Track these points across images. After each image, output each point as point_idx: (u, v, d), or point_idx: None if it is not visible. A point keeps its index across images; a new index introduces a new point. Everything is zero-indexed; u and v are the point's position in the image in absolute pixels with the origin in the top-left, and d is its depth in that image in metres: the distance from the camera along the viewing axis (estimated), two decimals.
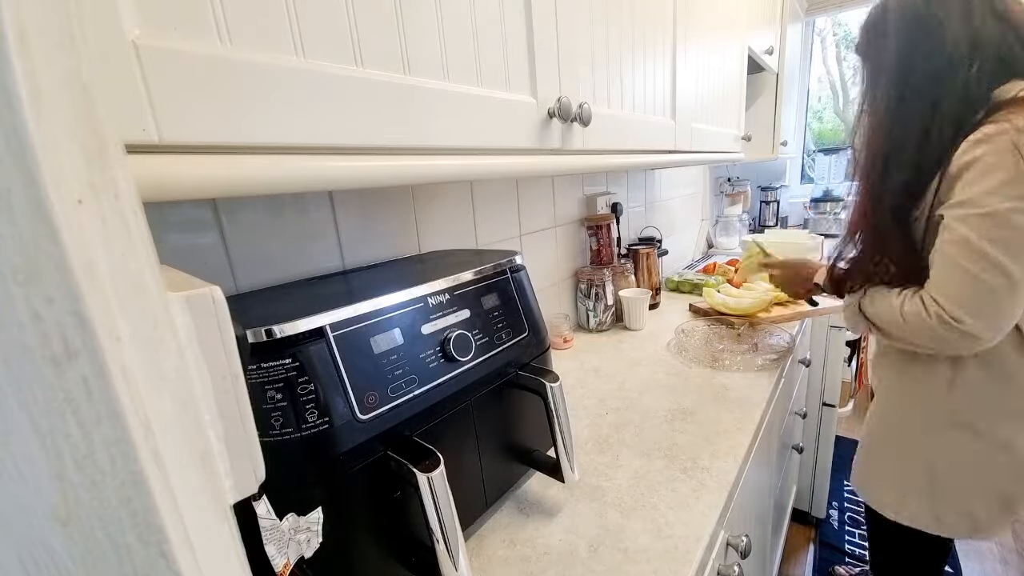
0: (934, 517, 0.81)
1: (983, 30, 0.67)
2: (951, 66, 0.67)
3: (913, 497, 0.82)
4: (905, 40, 0.71)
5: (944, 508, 0.80)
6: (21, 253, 0.14)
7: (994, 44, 0.67)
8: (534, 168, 0.63)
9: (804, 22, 2.44)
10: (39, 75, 0.13)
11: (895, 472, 0.85)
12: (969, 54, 0.67)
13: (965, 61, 0.67)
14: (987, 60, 0.67)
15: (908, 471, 0.82)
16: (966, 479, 0.78)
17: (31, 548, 0.17)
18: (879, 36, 0.75)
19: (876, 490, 0.88)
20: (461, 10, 0.50)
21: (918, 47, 0.70)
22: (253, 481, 0.21)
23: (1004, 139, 0.61)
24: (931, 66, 0.69)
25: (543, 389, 0.57)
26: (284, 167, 0.36)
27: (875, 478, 0.89)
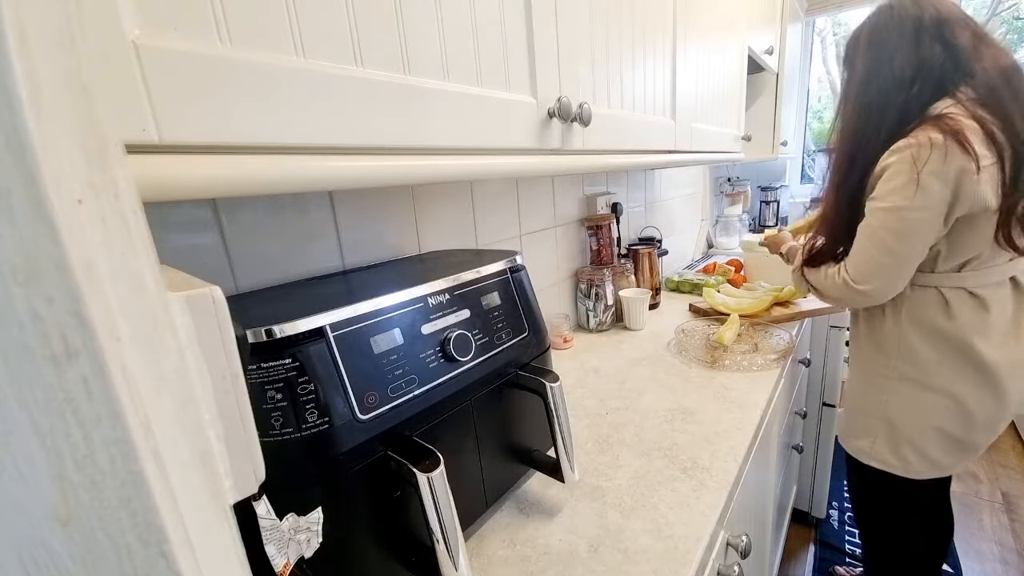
0: (899, 459, 0.96)
1: (928, 56, 0.82)
2: (897, 87, 0.84)
3: (880, 443, 0.98)
4: (869, 61, 0.88)
5: (907, 452, 0.95)
6: (21, 253, 0.14)
7: (936, 68, 0.82)
8: (534, 168, 0.63)
9: (804, 22, 2.44)
10: (39, 75, 0.13)
11: (864, 423, 1.01)
12: (912, 77, 0.83)
13: (907, 83, 0.83)
14: (927, 82, 0.82)
15: (873, 421, 0.99)
16: (918, 423, 0.93)
17: (31, 548, 0.17)
18: (855, 54, 0.91)
19: (852, 440, 1.05)
20: (461, 10, 0.50)
21: (877, 69, 0.87)
22: (253, 481, 0.21)
23: (908, 152, 0.78)
24: (883, 86, 0.86)
25: (543, 389, 0.57)
26: (284, 167, 0.36)
27: (850, 430, 1.05)
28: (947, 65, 0.82)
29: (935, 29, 0.83)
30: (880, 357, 0.97)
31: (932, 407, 0.91)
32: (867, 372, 1.00)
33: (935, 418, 0.91)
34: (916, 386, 0.92)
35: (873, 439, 0.99)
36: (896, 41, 0.85)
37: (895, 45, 0.85)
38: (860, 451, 1.02)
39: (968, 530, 1.68)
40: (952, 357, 0.88)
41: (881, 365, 0.97)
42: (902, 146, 0.79)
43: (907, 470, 0.96)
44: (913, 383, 0.93)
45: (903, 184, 0.79)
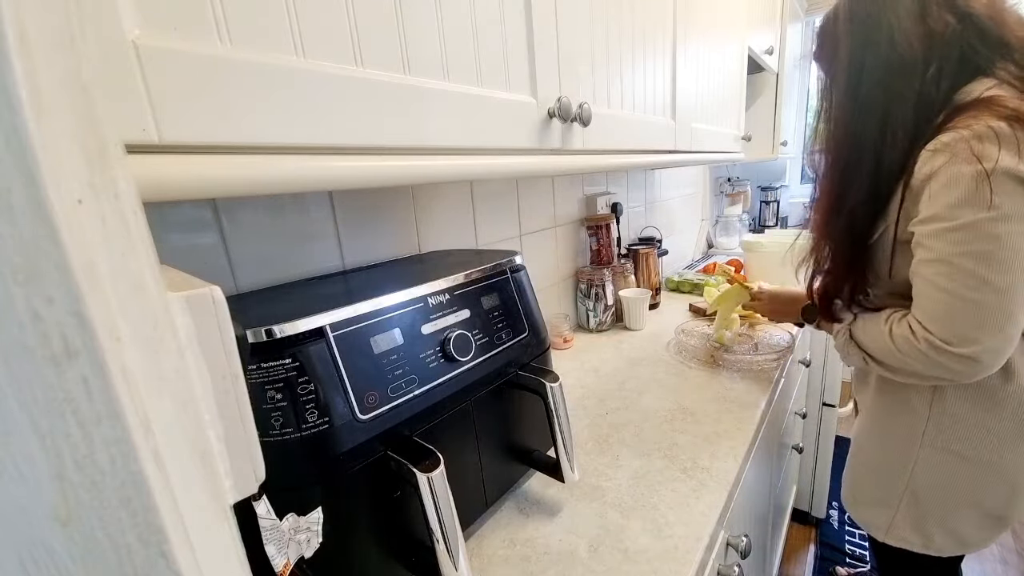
0: (923, 539, 0.79)
1: (938, 28, 0.62)
2: (904, 69, 0.64)
3: (903, 520, 0.80)
4: (856, 44, 0.68)
5: (932, 529, 0.77)
6: (21, 253, 0.14)
7: (954, 43, 0.62)
8: (534, 168, 0.63)
9: (804, 22, 2.44)
10: (39, 75, 0.13)
11: (880, 493, 0.82)
12: (924, 55, 0.63)
13: (919, 63, 0.63)
14: (947, 60, 0.62)
15: (892, 492, 0.80)
16: (951, 499, 0.75)
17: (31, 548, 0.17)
18: (832, 41, 0.71)
19: (864, 511, 0.86)
20: (461, 10, 0.50)
21: (868, 50, 0.66)
22: (253, 481, 0.21)
23: (963, 147, 0.56)
24: (882, 70, 0.65)
25: (543, 389, 0.57)
26: (284, 167, 0.36)
27: (862, 499, 0.86)
28: (969, 37, 0.62)
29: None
30: (904, 417, 0.76)
31: (971, 481, 0.73)
32: (884, 431, 0.80)
33: (973, 494, 0.73)
34: (952, 456, 0.73)
35: (891, 514, 0.80)
36: (891, 15, 0.64)
37: (890, 20, 0.64)
38: (873, 526, 0.84)
39: None
40: (1005, 425, 0.69)
41: (905, 426, 0.76)
42: (948, 142, 0.58)
43: (929, 548, 0.79)
44: (948, 452, 0.73)
45: (971, 190, 0.56)
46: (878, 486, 0.82)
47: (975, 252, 0.57)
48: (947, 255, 0.59)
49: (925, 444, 0.75)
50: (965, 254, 0.58)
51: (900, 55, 0.64)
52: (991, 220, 0.56)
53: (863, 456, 0.86)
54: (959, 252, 0.58)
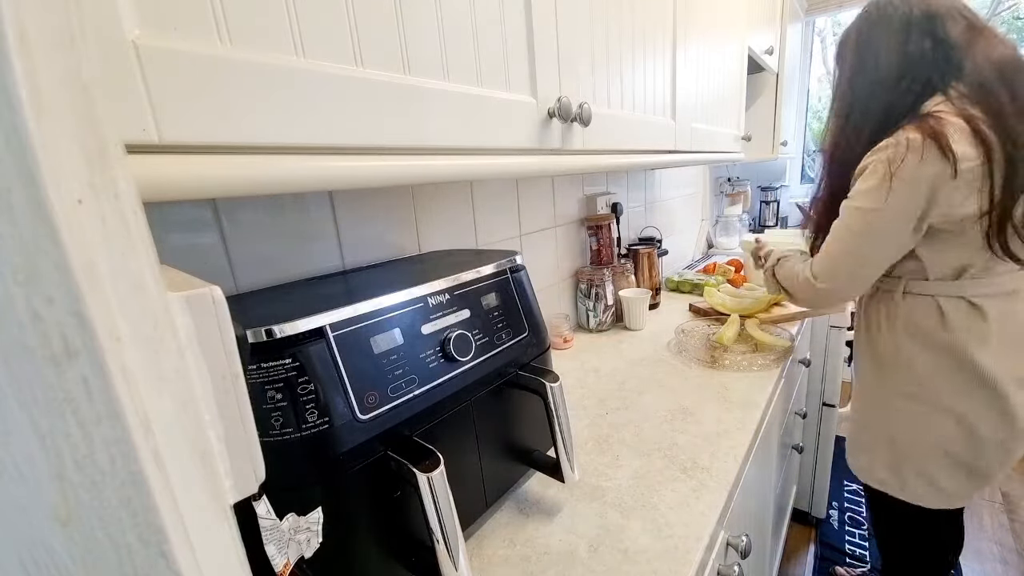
0: (899, 481, 0.91)
1: (915, 53, 0.79)
2: (882, 87, 0.81)
3: (880, 463, 0.94)
4: (856, 61, 0.86)
5: (907, 473, 0.90)
6: (21, 253, 0.14)
7: (925, 64, 0.79)
8: (534, 168, 0.63)
9: (804, 22, 2.44)
10: (39, 75, 0.13)
11: (865, 438, 0.97)
12: (898, 76, 0.80)
13: (892, 82, 0.80)
14: (915, 80, 0.79)
15: (873, 437, 0.95)
16: (919, 443, 0.88)
17: (31, 548, 0.17)
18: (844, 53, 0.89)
19: (856, 457, 1.01)
20: (461, 10, 0.50)
21: (862, 68, 0.85)
22: (253, 481, 0.21)
23: (885, 152, 0.76)
24: (867, 86, 0.83)
25: (543, 389, 0.57)
26: (284, 167, 0.36)
27: (855, 447, 1.01)
28: (938, 61, 0.78)
29: (926, 24, 0.79)
30: (879, 371, 0.93)
31: (935, 426, 0.85)
32: (868, 386, 0.96)
33: (939, 439, 0.85)
34: (917, 403, 0.87)
35: (872, 459, 0.95)
36: (883, 39, 0.82)
37: (882, 43, 0.82)
38: (859, 468, 0.99)
39: (968, 530, 1.68)
40: (951, 371, 0.83)
41: (880, 379, 0.92)
42: (882, 146, 0.77)
43: (904, 491, 0.91)
44: (913, 399, 0.87)
45: (875, 186, 0.76)
46: (863, 433, 0.98)
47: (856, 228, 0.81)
48: (841, 224, 0.84)
49: (894, 392, 0.90)
50: (849, 227, 0.82)
51: (882, 74, 0.82)
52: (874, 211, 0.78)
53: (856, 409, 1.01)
54: (847, 224, 0.82)
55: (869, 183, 0.77)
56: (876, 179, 0.76)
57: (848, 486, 1.90)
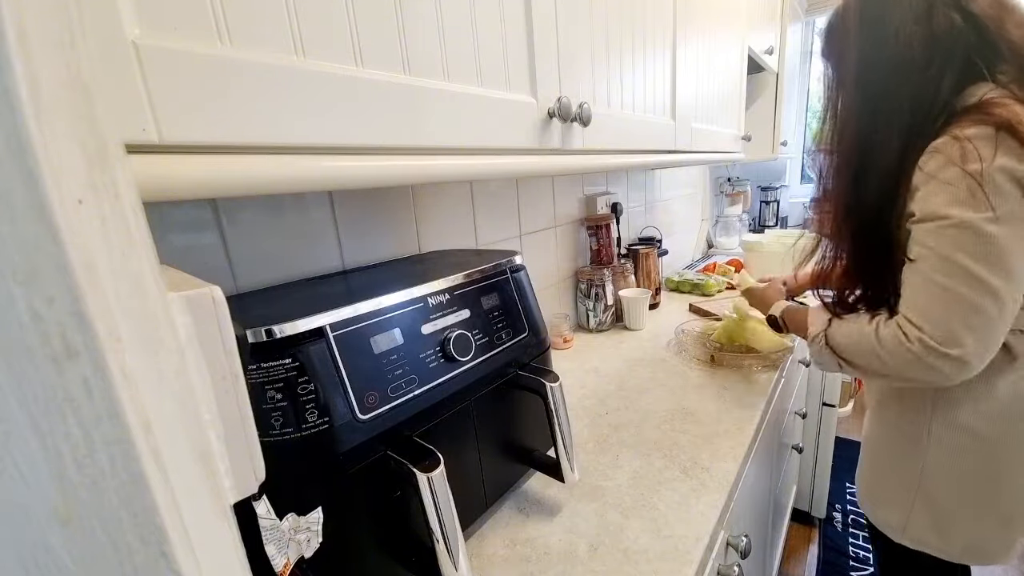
0: (939, 538, 0.76)
1: (943, 29, 0.62)
2: (903, 69, 0.64)
3: (916, 518, 0.77)
4: (865, 43, 0.68)
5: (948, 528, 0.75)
6: (21, 253, 0.14)
7: (956, 44, 0.62)
8: (534, 168, 0.63)
9: (804, 22, 2.44)
10: (39, 75, 0.13)
11: (895, 493, 0.80)
12: (924, 55, 0.62)
13: (919, 63, 0.63)
14: (949, 61, 0.62)
15: (906, 491, 0.77)
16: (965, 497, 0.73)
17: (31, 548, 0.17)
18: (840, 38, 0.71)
19: (880, 511, 0.83)
20: (461, 10, 0.50)
21: (875, 50, 0.66)
22: (253, 481, 0.21)
23: (955, 149, 0.58)
24: (886, 69, 0.65)
25: (543, 389, 0.57)
26: (284, 167, 0.36)
27: (877, 499, 0.84)
28: (972, 39, 0.62)
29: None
30: (909, 413, 0.75)
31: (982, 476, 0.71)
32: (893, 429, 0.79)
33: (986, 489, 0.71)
34: (959, 452, 0.71)
35: (907, 513, 0.78)
36: (898, 13, 0.64)
37: (898, 18, 0.64)
38: (889, 527, 0.81)
39: None
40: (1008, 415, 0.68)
41: (910, 423, 0.75)
42: (939, 145, 0.59)
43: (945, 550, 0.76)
44: (954, 448, 0.71)
45: (966, 192, 0.56)
46: (892, 486, 0.80)
47: (972, 250, 0.56)
48: (945, 252, 0.58)
49: (932, 440, 0.73)
50: (963, 251, 0.57)
51: (901, 55, 0.64)
52: (985, 220, 0.56)
53: (874, 456, 0.84)
54: (958, 249, 0.57)
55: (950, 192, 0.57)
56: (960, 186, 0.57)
57: (850, 488, 1.90)
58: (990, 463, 0.70)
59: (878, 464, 0.83)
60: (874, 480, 0.84)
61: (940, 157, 0.59)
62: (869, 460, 0.85)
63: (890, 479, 0.80)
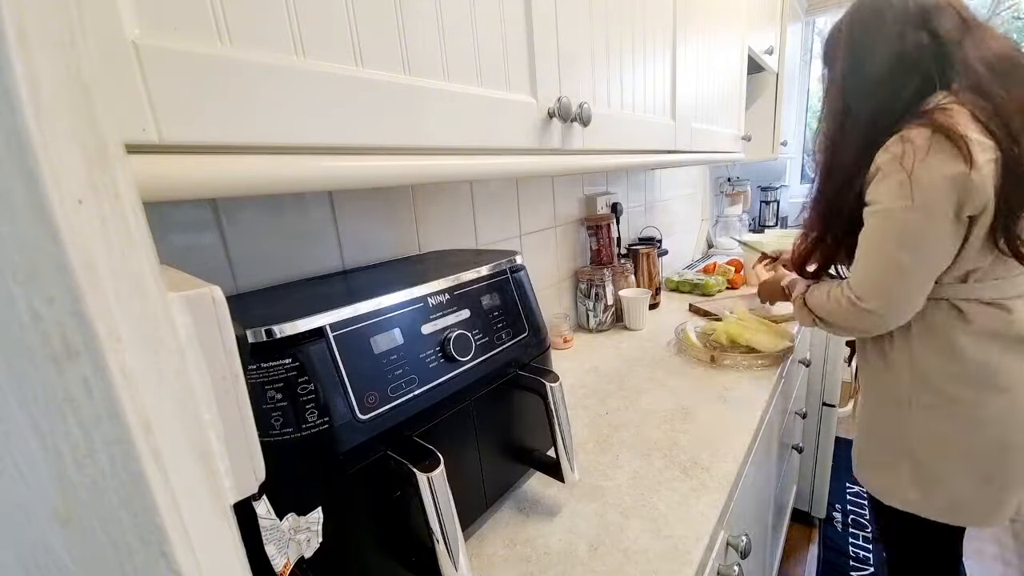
0: (921, 494, 0.84)
1: (911, 48, 0.74)
2: (875, 85, 0.76)
3: (906, 482, 0.86)
4: (848, 59, 0.81)
5: (930, 485, 0.83)
6: (21, 253, 0.14)
7: (922, 60, 0.74)
8: (534, 168, 0.63)
9: (804, 22, 2.44)
10: (39, 75, 0.13)
11: (883, 457, 0.89)
12: (892, 70, 0.75)
13: (886, 80, 0.75)
14: (911, 76, 0.74)
15: (893, 454, 0.87)
16: (945, 455, 0.81)
17: (31, 548, 0.17)
18: (835, 49, 0.83)
19: (870, 475, 0.93)
20: (461, 10, 0.50)
21: (855, 68, 0.79)
22: (253, 481, 0.21)
23: (895, 147, 0.71)
24: (861, 86, 0.78)
25: (543, 389, 0.57)
26: (284, 167, 0.36)
27: (868, 465, 0.93)
28: (936, 57, 0.73)
29: (920, 17, 0.74)
30: (892, 383, 0.85)
31: (959, 435, 0.79)
32: (880, 399, 0.89)
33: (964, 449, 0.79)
34: (937, 414, 0.80)
35: (894, 475, 0.87)
36: (877, 35, 0.76)
37: (875, 40, 0.76)
38: (879, 489, 0.91)
39: (969, 530, 1.68)
40: (973, 375, 0.77)
41: (893, 392, 0.85)
42: (888, 145, 0.72)
43: (928, 507, 0.84)
44: (933, 411, 0.80)
45: (896, 183, 0.70)
46: (880, 450, 0.90)
47: (889, 233, 0.73)
48: (871, 232, 0.75)
49: (913, 404, 0.83)
50: (882, 234, 0.74)
51: (876, 71, 0.77)
52: (904, 209, 0.71)
53: (864, 423, 0.93)
54: (878, 231, 0.74)
55: (887, 183, 0.72)
56: (894, 178, 0.70)
57: (850, 488, 1.90)
58: (966, 424, 0.79)
59: (869, 433, 0.93)
60: (866, 448, 0.94)
61: (886, 154, 0.72)
62: (862, 432, 0.95)
63: (878, 444, 0.90)
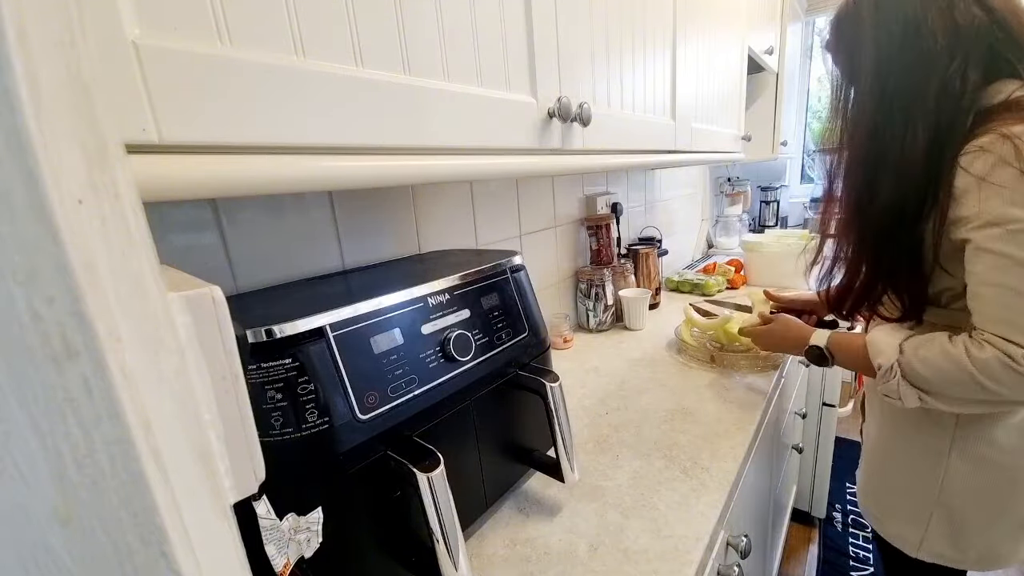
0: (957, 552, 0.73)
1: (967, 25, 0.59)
2: (927, 62, 0.60)
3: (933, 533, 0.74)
4: (883, 36, 0.63)
5: (967, 542, 0.72)
6: (21, 253, 0.14)
7: (980, 37, 0.59)
8: (534, 168, 0.63)
9: (804, 22, 2.44)
10: (39, 75, 0.13)
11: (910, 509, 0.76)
12: (949, 48, 0.59)
13: (944, 56, 0.59)
14: (973, 54, 0.59)
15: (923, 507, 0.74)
16: (985, 510, 0.70)
17: (31, 548, 0.17)
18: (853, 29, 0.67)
19: (894, 527, 0.80)
20: (461, 10, 0.50)
21: (894, 43, 0.62)
22: (253, 481, 0.21)
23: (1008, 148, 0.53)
24: (907, 63, 0.61)
25: (543, 389, 0.57)
26: (284, 167, 0.36)
27: (889, 512, 0.80)
28: (996, 34, 0.59)
29: None
30: (928, 428, 0.71)
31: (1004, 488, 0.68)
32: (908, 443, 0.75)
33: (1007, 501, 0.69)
34: (981, 462, 0.68)
35: (923, 529, 0.74)
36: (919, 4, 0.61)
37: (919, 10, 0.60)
38: (904, 542, 0.78)
39: None
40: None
41: (930, 436, 0.71)
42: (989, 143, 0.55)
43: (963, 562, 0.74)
44: (975, 458, 0.68)
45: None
46: (907, 501, 0.77)
47: None
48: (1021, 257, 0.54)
49: (953, 454, 0.70)
50: None
51: (924, 47, 0.60)
52: None
53: (886, 470, 0.80)
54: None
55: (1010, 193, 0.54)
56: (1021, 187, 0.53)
57: (850, 488, 1.90)
58: (1010, 473, 0.68)
59: (892, 479, 0.79)
60: (887, 495, 0.80)
61: (990, 157, 0.55)
62: (880, 474, 0.81)
63: (906, 494, 0.76)
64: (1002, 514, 0.70)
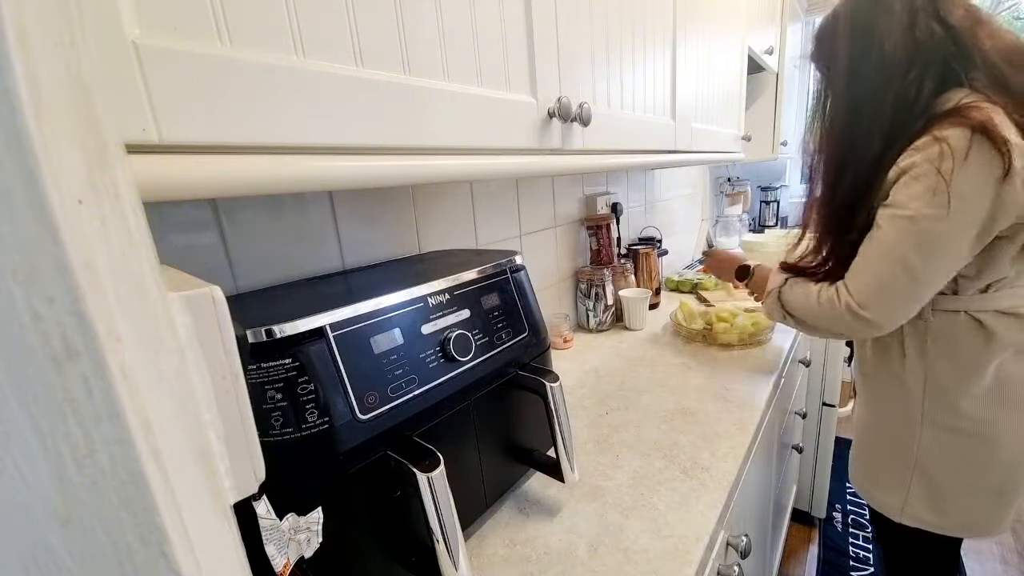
0: (936, 515, 0.81)
1: (925, 38, 0.68)
2: (888, 72, 0.70)
3: (918, 502, 0.82)
4: (853, 48, 0.74)
5: (945, 505, 0.80)
6: (21, 253, 0.14)
7: (936, 51, 0.68)
8: (534, 168, 0.63)
9: (804, 22, 2.44)
10: (39, 75, 0.13)
11: (891, 475, 0.85)
12: (907, 62, 0.69)
13: (902, 67, 0.69)
14: (928, 67, 0.68)
15: (903, 472, 0.83)
16: (959, 473, 0.78)
17: (31, 548, 0.17)
18: (830, 43, 0.77)
19: (877, 493, 0.88)
20: (461, 10, 0.50)
21: (864, 55, 0.72)
22: (253, 481, 0.21)
23: (933, 149, 0.63)
24: (873, 74, 0.71)
25: (543, 389, 0.57)
26: (284, 167, 0.36)
27: (874, 481, 0.89)
28: (950, 48, 0.68)
29: (932, 6, 0.69)
30: (901, 397, 0.80)
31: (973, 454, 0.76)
32: (887, 414, 0.84)
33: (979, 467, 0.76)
34: (953, 433, 0.76)
35: (904, 493, 0.83)
36: (885, 22, 0.70)
37: (884, 27, 0.70)
38: (888, 507, 0.86)
39: None
40: (993, 392, 0.73)
41: (904, 408, 0.80)
42: (921, 144, 0.65)
43: (943, 526, 0.81)
44: (948, 430, 0.77)
45: (928, 189, 0.63)
46: (888, 468, 0.85)
47: (912, 241, 0.66)
48: (889, 238, 0.68)
49: (925, 422, 0.78)
50: (902, 241, 0.67)
51: (886, 60, 0.70)
52: (935, 218, 0.64)
53: (868, 440, 0.89)
54: (899, 238, 0.67)
55: (917, 187, 0.65)
56: (927, 183, 0.64)
57: (850, 488, 1.90)
58: (982, 442, 0.75)
59: (873, 448, 0.88)
60: (871, 463, 0.89)
61: (918, 155, 0.65)
62: (864, 445, 0.90)
63: (886, 461, 0.85)
64: (978, 480, 0.77)
